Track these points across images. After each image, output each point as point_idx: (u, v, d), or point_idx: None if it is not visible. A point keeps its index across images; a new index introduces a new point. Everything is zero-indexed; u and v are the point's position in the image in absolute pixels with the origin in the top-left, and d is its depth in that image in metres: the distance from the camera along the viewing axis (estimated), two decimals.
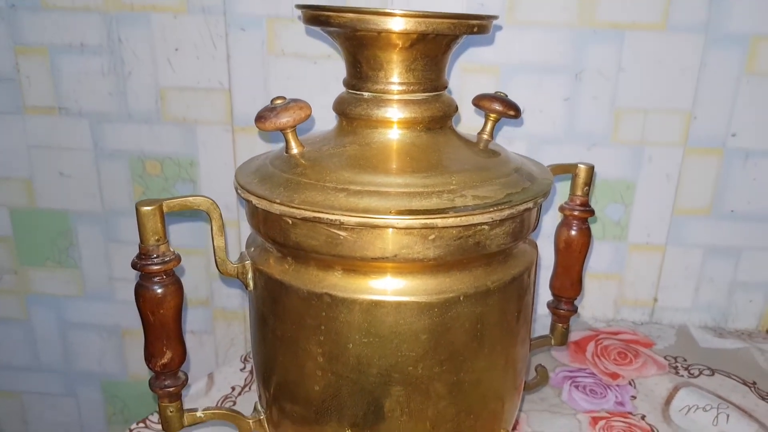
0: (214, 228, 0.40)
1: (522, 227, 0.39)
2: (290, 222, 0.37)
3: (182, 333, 0.41)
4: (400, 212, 0.34)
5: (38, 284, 1.01)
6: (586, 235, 0.51)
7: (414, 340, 0.37)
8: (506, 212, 0.36)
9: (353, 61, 0.41)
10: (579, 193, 0.50)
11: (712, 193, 0.86)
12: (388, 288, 0.37)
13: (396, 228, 0.35)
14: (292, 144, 0.40)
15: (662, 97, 0.82)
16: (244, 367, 0.81)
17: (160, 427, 0.69)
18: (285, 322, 0.39)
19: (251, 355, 0.84)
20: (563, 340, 0.54)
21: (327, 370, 0.38)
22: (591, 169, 0.49)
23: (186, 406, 0.71)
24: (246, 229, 0.94)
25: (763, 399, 0.76)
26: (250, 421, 0.46)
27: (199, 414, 0.44)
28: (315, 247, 0.37)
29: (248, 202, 0.39)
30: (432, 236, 0.35)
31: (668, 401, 0.75)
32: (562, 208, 0.51)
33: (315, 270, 0.38)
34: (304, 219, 0.36)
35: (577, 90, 0.83)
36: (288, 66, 0.86)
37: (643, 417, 0.73)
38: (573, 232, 0.51)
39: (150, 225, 0.38)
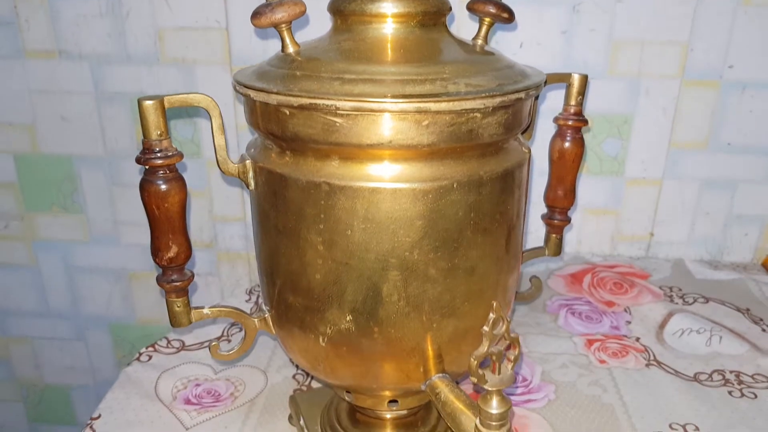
0: (214, 126, 0.41)
1: (514, 120, 0.40)
2: (287, 112, 0.38)
3: (187, 229, 0.43)
4: (395, 96, 0.35)
5: (44, 230, 1.03)
6: (580, 145, 0.52)
7: (409, 225, 0.39)
8: (498, 100, 0.37)
9: None
10: (573, 102, 0.51)
11: (709, 126, 0.87)
12: (383, 175, 0.38)
13: (391, 112, 0.36)
14: (288, 42, 0.41)
15: (660, 28, 0.83)
16: (249, 299, 0.83)
17: (167, 351, 0.71)
18: (286, 214, 0.41)
19: (257, 287, 0.86)
20: (557, 251, 0.55)
21: (327, 258, 0.40)
22: (585, 78, 0.50)
23: (193, 336, 0.73)
24: None
25: (756, 323, 0.78)
26: (255, 319, 0.47)
27: (205, 311, 0.46)
28: (312, 136, 0.38)
29: (247, 97, 0.40)
30: (426, 122, 0.37)
31: (662, 325, 0.77)
32: (556, 119, 0.52)
33: (313, 160, 0.39)
34: (301, 107, 0.37)
35: (575, 22, 0.83)
36: None
37: (637, 339, 0.75)
38: (567, 143, 0.52)
39: (152, 119, 0.39)
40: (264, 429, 0.60)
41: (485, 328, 0.36)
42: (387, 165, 0.38)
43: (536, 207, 0.85)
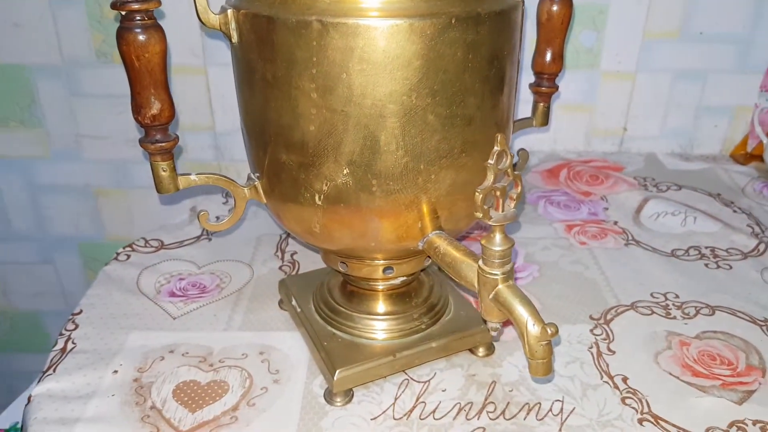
0: None
1: None
2: None
3: (168, 86, 0.40)
4: None
5: (2, 147, 0.98)
6: (568, 5, 0.51)
7: (407, 66, 0.37)
8: None
9: None
10: None
11: (682, 15, 0.86)
12: (379, 9, 0.36)
13: None
14: None
15: None
16: (227, 201, 0.80)
17: (146, 250, 0.69)
18: (275, 62, 0.38)
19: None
20: (545, 120, 0.54)
21: (321, 106, 0.38)
22: None
23: (172, 236, 0.71)
24: (214, 78, 0.91)
25: (727, 206, 0.80)
26: (245, 188, 0.46)
27: (193, 177, 0.44)
28: None
29: None
30: None
31: (638, 210, 0.79)
32: None
33: None
34: None
35: None
36: None
37: (615, 223, 0.76)
38: (555, 5, 0.51)
39: None
40: (254, 315, 0.59)
41: (490, 161, 0.35)
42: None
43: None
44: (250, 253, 0.70)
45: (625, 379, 0.52)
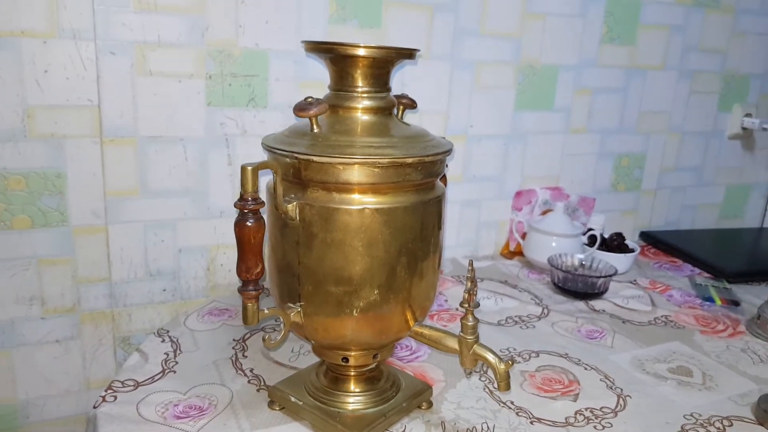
0: (277, 180, 0.64)
1: (444, 165, 0.73)
2: (341, 168, 0.64)
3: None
4: (418, 157, 0.65)
5: None
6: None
7: (411, 228, 0.68)
8: (448, 154, 0.70)
9: (339, 74, 0.69)
10: None
11: (463, 164, 1.31)
12: (402, 200, 0.66)
13: (410, 164, 0.65)
14: (314, 125, 0.67)
15: (431, 100, 1.24)
16: (164, 340, 0.96)
17: (126, 389, 0.83)
18: (334, 231, 0.65)
19: (162, 329, 0.99)
20: None
21: (365, 254, 0.66)
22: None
23: (140, 375, 0.86)
24: (114, 235, 1.06)
25: (514, 287, 1.23)
26: (291, 313, 0.69)
27: (266, 311, 0.66)
28: (359, 181, 0.64)
29: (307, 161, 0.64)
30: (420, 167, 0.67)
31: None
32: None
33: (357, 194, 0.65)
34: (357, 163, 0.63)
35: None
36: (155, 84, 1.04)
37: (457, 309, 1.12)
38: None
39: (251, 178, 0.60)
40: (256, 418, 0.79)
41: (468, 274, 0.67)
42: (402, 192, 0.67)
43: None
44: (216, 376, 0.88)
45: (510, 402, 0.86)
